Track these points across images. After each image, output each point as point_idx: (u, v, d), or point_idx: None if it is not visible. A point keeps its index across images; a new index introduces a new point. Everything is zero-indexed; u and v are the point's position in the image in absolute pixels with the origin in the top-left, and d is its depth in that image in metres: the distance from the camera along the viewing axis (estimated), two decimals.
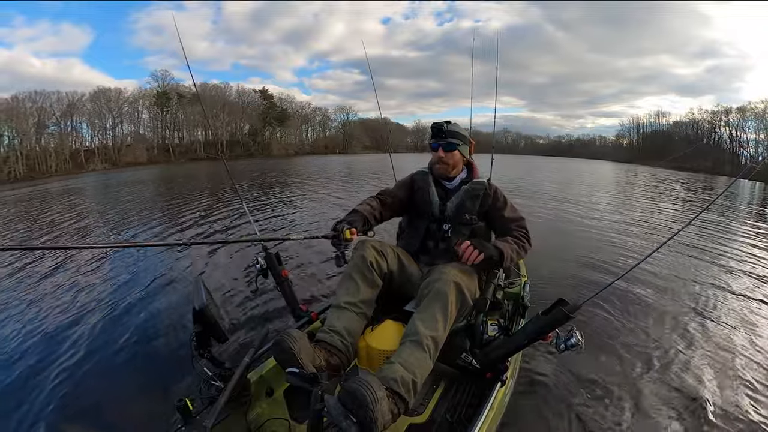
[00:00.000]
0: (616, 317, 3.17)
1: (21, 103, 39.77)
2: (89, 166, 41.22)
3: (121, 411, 2.07)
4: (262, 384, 1.62)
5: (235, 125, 53.00)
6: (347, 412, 1.13)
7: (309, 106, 62.03)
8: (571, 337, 1.44)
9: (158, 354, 2.57)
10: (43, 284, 3.90)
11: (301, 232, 5.45)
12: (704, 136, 48.31)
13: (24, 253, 4.81)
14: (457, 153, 1.87)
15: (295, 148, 55.84)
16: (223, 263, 4.28)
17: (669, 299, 3.70)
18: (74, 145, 43.58)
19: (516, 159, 43.30)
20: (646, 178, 21.08)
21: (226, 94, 52.84)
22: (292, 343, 1.34)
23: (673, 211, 9.80)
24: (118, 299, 3.44)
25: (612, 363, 2.55)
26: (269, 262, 2.01)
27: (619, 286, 3.63)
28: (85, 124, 44.82)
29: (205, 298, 1.42)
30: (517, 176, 17.96)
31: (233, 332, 2.70)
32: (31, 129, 39.82)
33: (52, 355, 2.62)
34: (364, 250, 1.67)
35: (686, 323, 3.20)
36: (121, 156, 44.22)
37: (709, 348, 2.80)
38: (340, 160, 33.71)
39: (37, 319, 3.14)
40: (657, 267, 4.53)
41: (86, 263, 4.50)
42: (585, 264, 4.68)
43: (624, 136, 63.11)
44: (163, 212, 8.67)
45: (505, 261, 1.65)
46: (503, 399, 1.65)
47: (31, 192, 16.76)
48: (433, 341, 1.41)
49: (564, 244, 5.79)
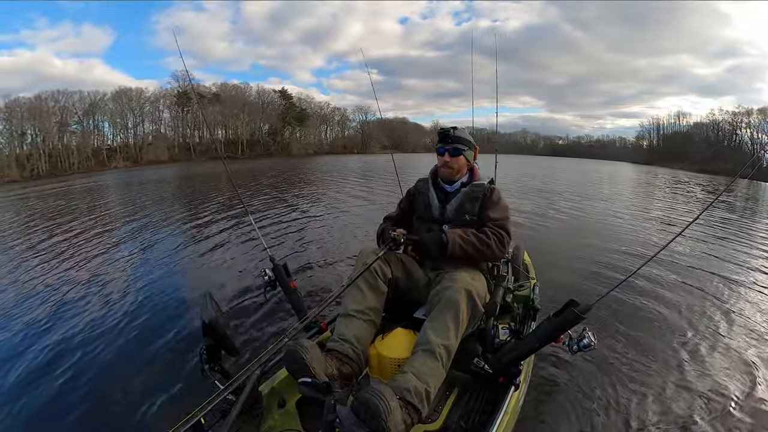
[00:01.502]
0: (629, 316, 3.13)
1: (44, 102, 41.25)
2: (111, 163, 42.54)
3: (134, 425, 2.07)
4: (274, 395, 1.61)
5: (255, 125, 53.95)
6: (360, 422, 1.13)
7: (328, 106, 62.56)
8: (584, 337, 1.42)
9: (169, 368, 2.58)
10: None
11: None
12: (725, 137, 47.28)
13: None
14: (462, 158, 1.89)
15: (314, 148, 56.41)
16: (231, 276, 4.30)
17: (686, 297, 3.66)
18: (96, 143, 45.15)
19: (533, 160, 42.71)
20: (665, 180, 20.73)
21: (246, 94, 54.05)
22: (304, 353, 1.34)
23: (688, 211, 9.68)
24: (127, 313, 3.45)
25: (627, 363, 2.51)
26: (278, 274, 2.01)
27: (632, 286, 3.59)
28: (107, 123, 46.52)
29: (214, 312, 1.42)
30: (529, 176, 17.83)
31: (243, 345, 2.70)
32: (53, 127, 41.26)
33: (56, 369, 2.62)
34: (366, 258, 1.69)
35: (705, 321, 3.16)
36: (142, 154, 45.41)
37: (731, 348, 2.76)
38: (359, 160, 33.95)
39: (39, 332, 3.16)
40: (671, 266, 4.50)
41: (95, 274, 4.53)
42: (596, 265, 4.64)
43: (644, 137, 62.00)
44: (186, 211, 8.87)
45: (450, 248, 1.66)
46: (517, 403, 1.63)
47: (52, 189, 17.05)
48: (446, 350, 1.41)
49: (576, 244, 5.75)
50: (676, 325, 3.07)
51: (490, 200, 1.85)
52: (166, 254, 5.39)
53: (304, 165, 27.83)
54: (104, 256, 5.40)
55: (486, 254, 1.72)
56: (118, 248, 5.84)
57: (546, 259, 4.29)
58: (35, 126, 40.05)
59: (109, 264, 5.02)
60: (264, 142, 53.07)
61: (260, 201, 10.22)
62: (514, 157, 45.09)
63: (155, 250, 5.68)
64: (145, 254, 5.46)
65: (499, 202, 1.85)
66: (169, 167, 34.40)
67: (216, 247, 5.64)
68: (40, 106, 40.70)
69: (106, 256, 5.44)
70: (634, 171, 32.05)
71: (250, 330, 3.00)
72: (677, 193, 14.76)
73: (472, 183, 1.91)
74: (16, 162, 36.98)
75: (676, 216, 8.82)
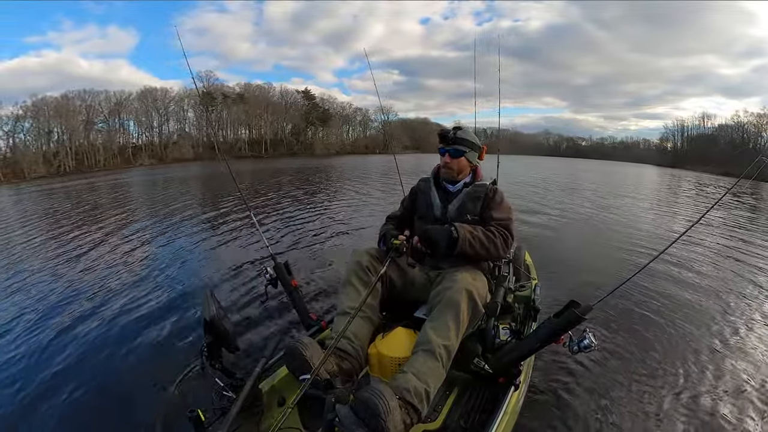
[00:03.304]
0: (630, 317, 3.12)
1: (70, 101, 42.74)
2: (137, 161, 43.87)
3: (133, 422, 2.08)
4: (274, 393, 1.61)
5: (278, 125, 54.93)
6: (360, 421, 1.13)
7: (350, 107, 63.12)
8: (584, 338, 1.42)
9: (170, 365, 2.58)
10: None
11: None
12: (750, 140, 45.86)
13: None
14: (463, 159, 1.89)
15: (336, 148, 56.97)
16: (232, 274, 4.30)
17: (688, 298, 3.65)
18: (121, 141, 46.61)
19: (555, 162, 41.12)
20: (689, 184, 20.10)
21: (269, 94, 55.11)
22: (304, 350, 1.35)
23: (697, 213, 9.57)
24: (127, 309, 3.46)
25: (628, 364, 2.50)
26: (279, 272, 2.02)
27: (634, 287, 3.58)
28: (132, 122, 47.90)
29: (216, 309, 1.43)
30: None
31: (244, 343, 2.70)
32: (79, 126, 42.69)
33: (53, 365, 2.64)
34: (359, 256, 1.73)
35: (707, 322, 3.14)
36: (167, 152, 46.40)
37: (735, 349, 2.75)
38: (381, 160, 33.98)
39: (36, 327, 3.18)
40: (675, 267, 4.49)
41: (100, 268, 4.55)
42: (600, 265, 4.63)
43: (668, 139, 60.67)
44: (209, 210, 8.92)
45: (460, 244, 1.64)
46: (517, 404, 1.63)
47: (77, 184, 17.29)
48: (446, 350, 1.41)
49: (587, 245, 5.75)
50: (678, 327, 3.06)
51: (492, 200, 1.84)
52: (168, 252, 5.41)
53: (327, 164, 27.88)
54: (106, 249, 5.43)
55: (491, 252, 1.71)
56: (122, 243, 5.86)
57: (550, 260, 4.29)
58: (62, 124, 41.45)
59: (111, 255, 5.04)
60: (287, 141, 53.92)
61: (275, 198, 10.30)
62: (538, 160, 43.75)
63: (160, 246, 5.71)
64: (147, 250, 5.48)
65: (502, 203, 1.85)
66: (194, 165, 34.89)
67: (220, 245, 5.67)
68: (67, 104, 42.15)
69: (108, 249, 5.47)
70: (658, 173, 31.49)
71: (251, 328, 3.01)
72: (699, 195, 14.52)
73: (474, 183, 1.91)
74: (43, 158, 38.34)
75: (691, 215, 8.76)
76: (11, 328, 3.22)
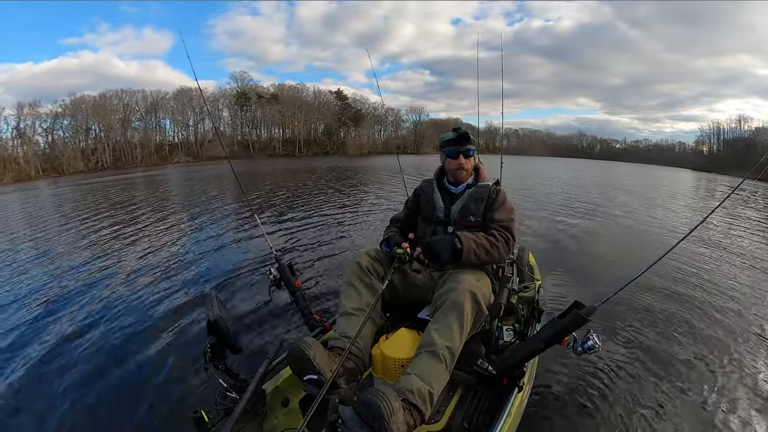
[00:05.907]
0: (634, 318, 3.10)
1: (108, 100, 44.77)
2: (173, 158, 45.31)
3: (136, 422, 2.08)
4: (278, 394, 1.62)
5: (311, 125, 56.13)
6: (363, 422, 1.13)
7: (382, 107, 63.66)
8: (588, 339, 1.42)
9: (173, 366, 2.59)
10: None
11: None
12: None
13: None
14: (473, 159, 1.90)
15: (368, 148, 57.70)
16: (236, 275, 4.31)
17: (692, 299, 3.62)
18: (158, 138, 48.29)
19: (591, 167, 38.25)
20: (725, 190, 18.66)
21: (303, 94, 56.44)
22: (307, 350, 1.35)
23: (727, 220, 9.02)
24: (127, 309, 3.48)
25: (631, 366, 2.49)
26: (282, 273, 2.01)
27: (638, 288, 3.56)
28: (168, 120, 49.81)
29: (219, 310, 1.43)
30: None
31: (247, 343, 2.71)
32: (117, 123, 44.65)
33: (54, 365, 2.66)
34: (359, 258, 1.75)
35: (710, 323, 3.11)
36: (203, 150, 47.53)
37: (739, 350, 2.72)
38: (411, 159, 34.12)
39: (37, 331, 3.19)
40: (679, 267, 4.45)
41: (102, 269, 4.58)
42: (605, 267, 4.61)
43: (704, 142, 58.93)
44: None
45: (465, 254, 1.63)
46: (520, 405, 1.62)
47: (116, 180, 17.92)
48: (450, 351, 1.41)
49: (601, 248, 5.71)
50: (683, 328, 3.04)
51: (495, 201, 1.84)
52: (173, 252, 5.43)
53: (356, 165, 27.64)
54: (113, 246, 5.46)
55: (494, 257, 1.71)
56: (124, 244, 5.89)
57: (554, 261, 4.27)
58: (99, 122, 43.40)
59: (123, 252, 5.07)
60: (320, 141, 54.94)
61: (288, 198, 10.42)
62: (572, 164, 41.58)
63: (165, 245, 5.73)
64: (151, 250, 5.51)
65: (504, 204, 1.84)
66: (227, 164, 35.16)
67: (225, 245, 5.68)
68: (104, 103, 44.19)
69: (114, 247, 5.50)
70: (694, 178, 30.62)
71: (255, 329, 3.02)
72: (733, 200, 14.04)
73: (477, 184, 1.90)
74: (81, 155, 40.23)
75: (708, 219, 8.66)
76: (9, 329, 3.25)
